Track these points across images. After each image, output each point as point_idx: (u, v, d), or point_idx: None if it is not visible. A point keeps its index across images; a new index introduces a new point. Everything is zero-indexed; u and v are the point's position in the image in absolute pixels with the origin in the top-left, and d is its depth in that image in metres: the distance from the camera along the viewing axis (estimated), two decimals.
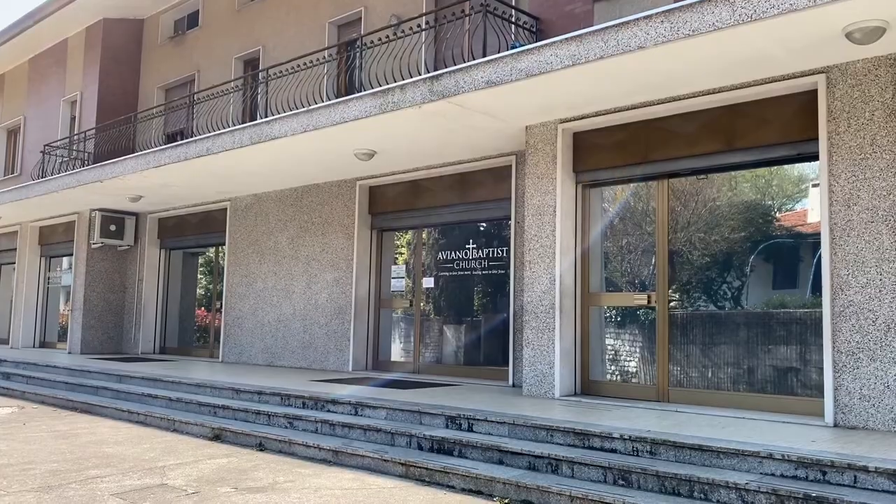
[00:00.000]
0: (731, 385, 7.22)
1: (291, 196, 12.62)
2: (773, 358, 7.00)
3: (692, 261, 7.68)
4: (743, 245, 7.42)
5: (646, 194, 8.10)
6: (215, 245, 14.76)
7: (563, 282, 7.99)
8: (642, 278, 8.11)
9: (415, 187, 11.00)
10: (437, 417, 6.78)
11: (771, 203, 7.37)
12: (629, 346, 8.14)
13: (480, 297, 10.60)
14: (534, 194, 8.27)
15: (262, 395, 8.59)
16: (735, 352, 7.24)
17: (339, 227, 11.72)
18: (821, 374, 6.40)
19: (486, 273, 10.27)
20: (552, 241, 8.05)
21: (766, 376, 7.02)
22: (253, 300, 13.10)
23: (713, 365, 7.37)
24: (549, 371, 7.92)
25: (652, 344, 7.74)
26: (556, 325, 7.91)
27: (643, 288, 7.93)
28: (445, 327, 11.02)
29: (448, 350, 10.95)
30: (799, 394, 6.77)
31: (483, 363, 10.29)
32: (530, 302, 8.17)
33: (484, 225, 10.59)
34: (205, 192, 13.37)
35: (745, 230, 7.40)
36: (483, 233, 10.64)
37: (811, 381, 6.70)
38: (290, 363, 12.23)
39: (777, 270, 7.44)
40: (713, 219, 7.60)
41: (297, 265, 12.36)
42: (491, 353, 10.31)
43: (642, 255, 8.16)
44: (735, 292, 7.51)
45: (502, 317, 10.08)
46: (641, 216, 8.21)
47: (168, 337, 15.83)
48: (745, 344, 7.17)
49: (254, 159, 10.52)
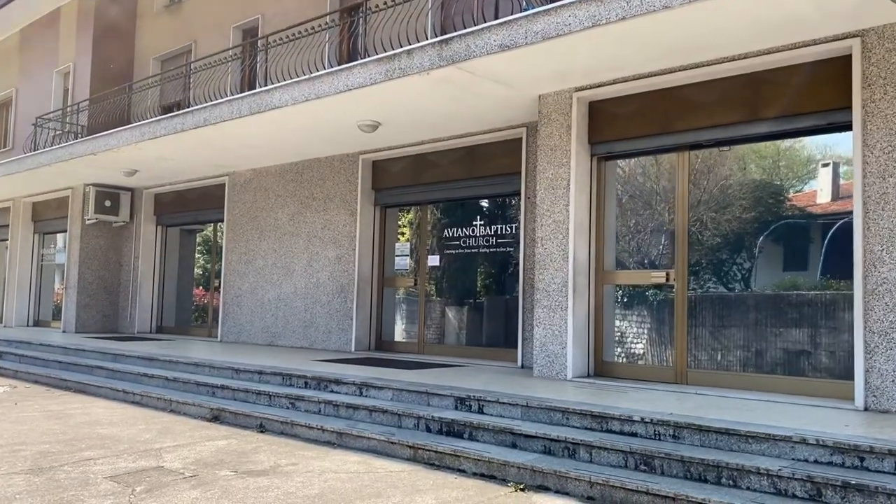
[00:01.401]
0: (753, 367, 6.99)
1: (292, 171, 12.36)
2: (797, 339, 6.76)
3: (703, 240, 7.43)
4: (754, 225, 7.18)
5: (665, 167, 7.83)
6: (213, 221, 14.52)
7: (576, 259, 7.75)
8: (658, 256, 7.87)
9: (420, 161, 10.73)
10: (446, 399, 6.56)
11: (780, 183, 7.15)
12: (644, 327, 7.91)
13: (487, 276, 10.37)
14: (546, 167, 8.00)
15: (263, 375, 8.38)
16: (756, 333, 7.01)
17: (341, 203, 11.47)
18: (849, 355, 6.17)
19: (494, 251, 10.03)
20: (565, 216, 7.80)
21: (789, 358, 6.80)
22: (252, 278, 12.87)
23: (733, 346, 7.14)
24: (561, 352, 7.70)
25: (669, 324, 7.51)
26: (569, 303, 7.68)
27: (658, 266, 7.69)
28: (451, 307, 10.79)
29: (453, 330, 10.74)
30: (825, 376, 6.54)
31: (490, 344, 10.08)
32: (542, 280, 7.93)
33: (492, 201, 10.33)
34: (202, 166, 13.10)
35: (755, 210, 7.17)
36: (491, 209, 10.39)
37: (839, 362, 6.47)
38: (291, 343, 12.02)
39: (787, 252, 7.24)
40: (724, 198, 7.35)
41: (297, 242, 12.12)
42: (498, 334, 10.10)
43: (659, 231, 7.91)
44: (745, 273, 7.27)
45: (511, 296, 9.86)
46: (659, 190, 7.95)
47: (165, 316, 15.63)
48: (768, 325, 6.93)
49: (253, 131, 10.25)
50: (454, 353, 10.18)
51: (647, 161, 8.07)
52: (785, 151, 7.19)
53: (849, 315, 6.22)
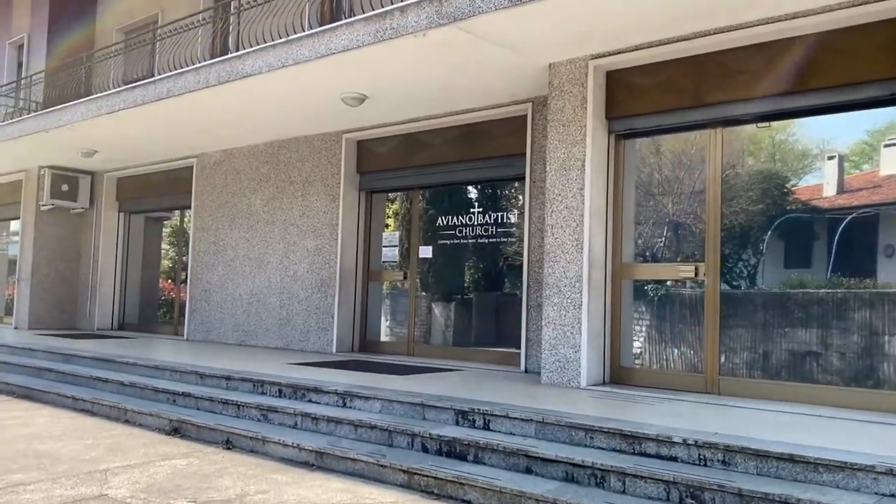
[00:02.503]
0: (799, 375, 6.28)
1: (266, 151, 11.53)
2: (853, 344, 6.05)
3: (736, 230, 6.71)
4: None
5: (693, 146, 7.10)
6: (181, 208, 13.71)
7: (592, 250, 7.01)
8: (683, 248, 7.15)
9: (411, 142, 9.95)
10: (445, 412, 5.79)
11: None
12: (666, 328, 7.18)
13: (486, 270, 9.61)
14: (558, 146, 7.25)
15: (231, 381, 7.58)
16: (802, 336, 6.29)
17: (321, 188, 10.67)
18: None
19: (494, 241, 9.27)
20: (579, 201, 7.05)
21: (840, 365, 6.09)
22: (222, 270, 12.04)
23: (775, 351, 6.43)
24: (573, 356, 6.96)
25: (697, 325, 6.79)
26: (584, 301, 6.94)
27: (684, 259, 6.97)
28: (444, 304, 10.04)
29: (447, 330, 9.99)
30: (886, 387, 5.84)
31: (489, 345, 9.34)
32: (552, 274, 7.18)
33: (492, 185, 9.56)
34: (168, 146, 12.24)
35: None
36: (491, 195, 9.64)
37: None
38: (265, 343, 11.21)
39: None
40: (759, 183, 6.66)
41: (273, 231, 11.30)
42: (498, 334, 9.37)
43: (684, 220, 7.19)
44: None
45: (513, 292, 9.12)
46: (685, 172, 7.22)
47: (128, 311, 14.76)
48: (815, 327, 6.22)
49: (222, 104, 9.42)
50: (448, 356, 9.42)
51: (672, 140, 7.33)
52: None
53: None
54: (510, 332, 8.93)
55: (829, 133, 6.44)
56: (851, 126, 6.31)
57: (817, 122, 6.45)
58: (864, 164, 6.38)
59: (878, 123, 6.09)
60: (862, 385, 5.95)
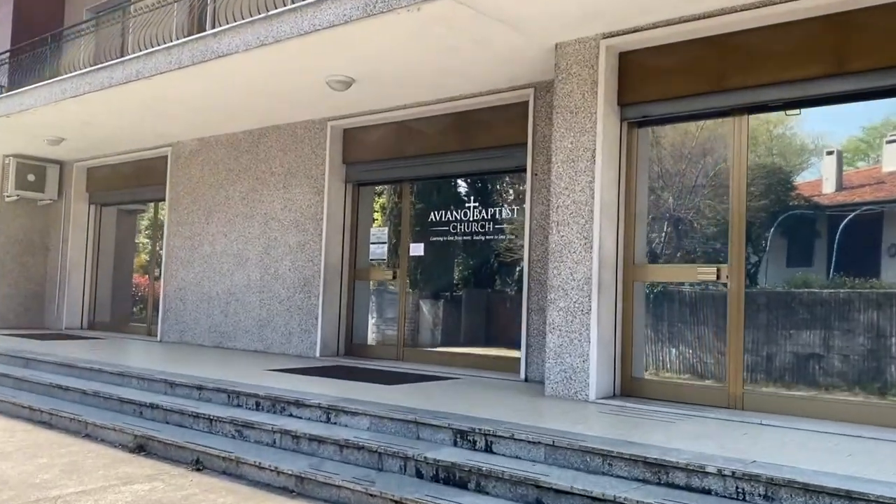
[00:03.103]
0: (833, 389, 5.77)
1: (246, 140, 10.92)
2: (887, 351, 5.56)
3: (763, 227, 6.20)
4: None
5: (712, 134, 6.58)
6: (154, 200, 13.05)
7: (602, 249, 6.47)
8: (700, 246, 6.63)
9: (402, 130, 9.38)
10: (442, 431, 5.25)
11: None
12: (684, 335, 6.66)
13: (482, 269, 9.07)
14: (565, 135, 6.70)
15: (204, 392, 7.01)
16: (838, 344, 5.78)
17: (305, 180, 10.08)
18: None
19: (491, 238, 8.73)
20: (589, 195, 6.51)
21: (883, 377, 5.58)
22: (198, 267, 11.43)
23: (807, 361, 5.92)
24: (581, 365, 6.42)
25: (718, 332, 6.27)
26: (593, 305, 6.41)
27: (703, 259, 6.45)
28: (437, 306, 9.51)
29: (440, 333, 9.46)
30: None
31: (486, 351, 8.78)
32: (557, 275, 6.64)
33: (490, 178, 9.02)
34: (140, 134, 11.61)
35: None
36: (488, 188, 9.11)
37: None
38: (244, 345, 10.62)
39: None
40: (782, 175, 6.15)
41: (252, 225, 10.70)
42: (496, 339, 8.83)
43: (702, 216, 6.67)
44: (825, 266, 6.05)
45: (511, 293, 8.59)
46: (702, 164, 6.70)
47: (99, 310, 14.12)
48: (855, 333, 5.71)
49: (197, 88, 8.82)
50: (441, 361, 8.87)
51: (688, 129, 6.79)
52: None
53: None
54: (508, 337, 8.40)
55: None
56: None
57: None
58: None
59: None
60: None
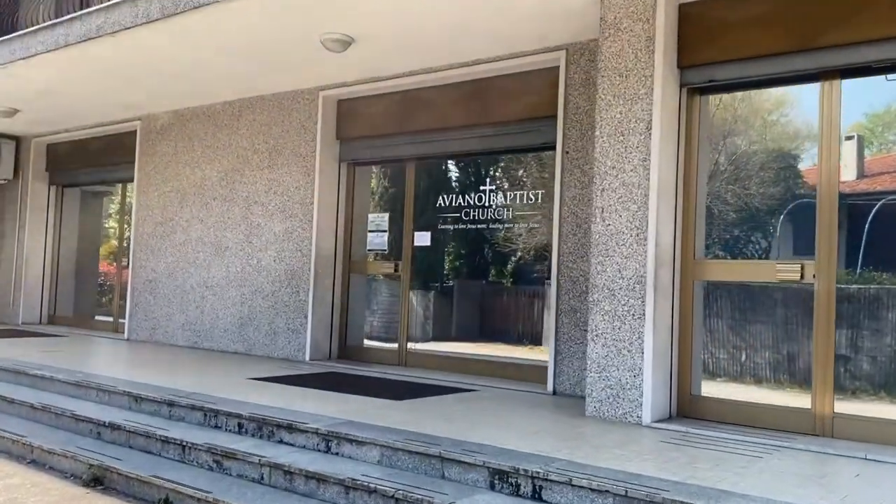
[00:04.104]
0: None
1: (226, 113, 9.87)
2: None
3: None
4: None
5: (794, 102, 5.63)
6: (122, 181, 12.02)
7: (659, 242, 5.51)
8: (773, 239, 5.69)
9: (407, 101, 8.37)
10: (474, 470, 4.28)
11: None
12: (753, 345, 5.73)
13: (499, 263, 8.10)
14: (613, 103, 5.72)
15: (175, 408, 6.00)
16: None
17: (293, 158, 9.05)
18: None
19: (510, 227, 7.77)
20: (642, 175, 5.54)
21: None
22: (171, 257, 10.38)
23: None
24: (632, 381, 5.47)
25: (800, 343, 5.34)
26: (648, 308, 5.45)
27: (765, 254, 5.52)
28: (444, 303, 8.56)
29: (448, 335, 8.51)
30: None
31: (503, 356, 7.82)
32: (602, 272, 5.67)
33: (510, 157, 8.04)
34: (105, 105, 10.53)
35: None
36: (508, 169, 8.14)
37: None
38: (222, 346, 9.60)
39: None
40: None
41: (232, 210, 9.66)
42: (515, 343, 7.86)
43: (779, 204, 5.73)
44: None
45: (536, 291, 7.63)
46: (781, 140, 5.75)
47: (60, 302, 13.05)
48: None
49: (169, 49, 7.76)
50: (450, 368, 7.91)
51: (763, 97, 5.83)
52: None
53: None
54: (531, 342, 7.49)
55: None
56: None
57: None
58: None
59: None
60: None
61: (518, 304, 7.98)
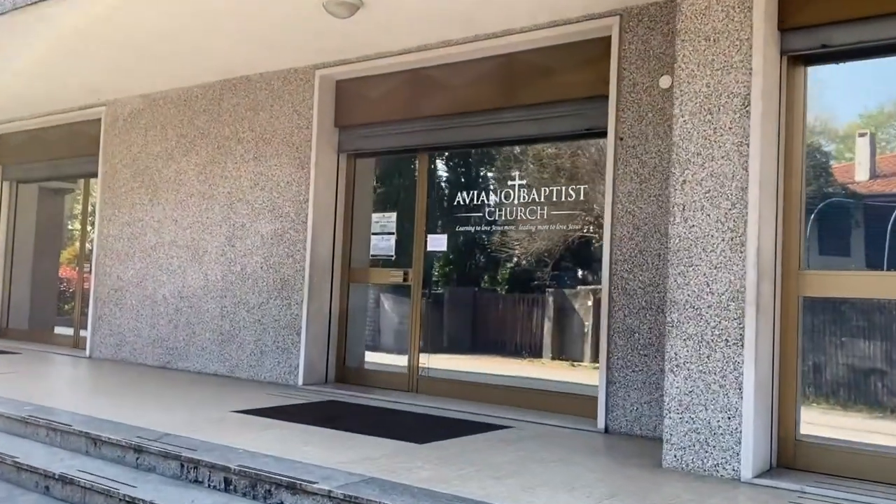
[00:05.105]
0: None
1: (205, 97, 8.77)
2: None
3: None
4: None
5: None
6: (84, 176, 10.91)
7: (761, 249, 4.47)
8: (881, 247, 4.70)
9: (420, 81, 7.34)
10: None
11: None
12: (857, 371, 4.70)
13: (530, 271, 7.06)
14: (697, 73, 4.68)
15: (145, 455, 4.89)
16: None
17: (283, 148, 7.97)
18: None
19: (546, 229, 6.75)
20: (737, 164, 4.51)
21: None
22: (140, 262, 9.25)
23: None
24: (726, 425, 4.42)
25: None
26: (748, 332, 4.41)
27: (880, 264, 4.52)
28: (464, 318, 7.51)
29: (467, 356, 7.44)
30: None
31: (536, 382, 6.76)
32: (683, 286, 4.62)
33: (548, 145, 7.00)
34: (65, 89, 9.42)
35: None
36: (542, 159, 7.09)
37: None
38: (200, 366, 8.48)
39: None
40: None
41: (212, 208, 8.55)
42: (551, 367, 6.80)
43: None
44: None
45: (578, 305, 6.58)
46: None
47: (13, 313, 11.88)
48: None
49: (137, 17, 6.65)
50: (471, 396, 6.86)
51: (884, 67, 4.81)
52: None
53: None
54: (572, 365, 6.44)
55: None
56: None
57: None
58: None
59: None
60: None
61: (552, 321, 6.92)
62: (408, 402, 6.75)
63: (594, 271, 6.45)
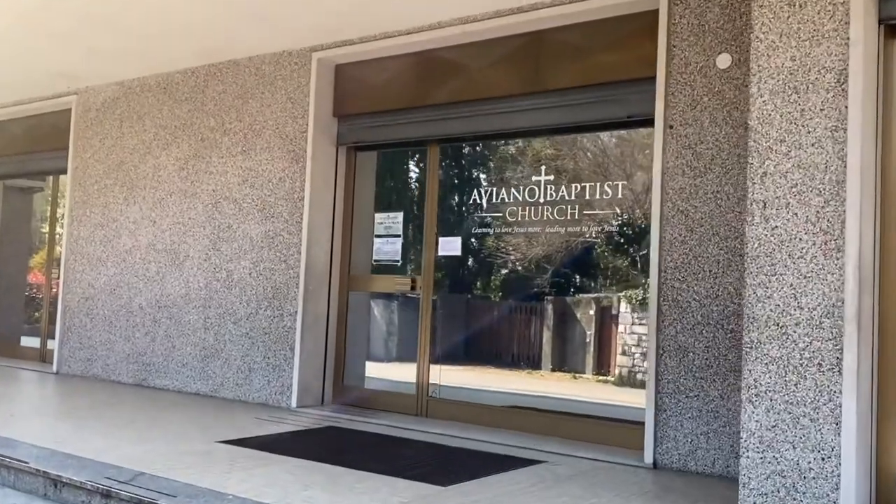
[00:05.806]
0: None
1: (187, 83, 8.09)
2: None
3: None
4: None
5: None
6: (53, 172, 10.31)
7: (862, 255, 3.77)
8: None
9: (429, 64, 6.70)
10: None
11: None
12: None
13: (559, 280, 6.38)
14: (779, 45, 3.99)
15: (113, 502, 4.12)
16: None
17: (275, 141, 7.30)
18: None
19: (575, 231, 6.09)
20: (832, 153, 3.82)
21: None
22: (114, 268, 8.52)
23: None
24: (819, 467, 3.72)
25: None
26: (848, 356, 3.71)
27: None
28: (480, 332, 6.82)
29: (485, 375, 6.74)
30: None
31: (567, 406, 6.06)
32: (766, 299, 3.92)
33: (578, 137, 6.32)
34: (30, 73, 8.72)
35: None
36: (571, 151, 6.40)
37: None
38: (180, 384, 7.74)
39: None
40: None
41: (194, 208, 7.85)
42: (585, 387, 6.10)
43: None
44: None
45: (617, 316, 5.90)
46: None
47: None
48: None
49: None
50: (488, 422, 6.18)
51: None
52: None
53: None
54: (609, 388, 5.74)
55: None
56: None
57: None
58: None
59: None
60: None
61: (585, 336, 6.23)
62: (417, 429, 6.04)
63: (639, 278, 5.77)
